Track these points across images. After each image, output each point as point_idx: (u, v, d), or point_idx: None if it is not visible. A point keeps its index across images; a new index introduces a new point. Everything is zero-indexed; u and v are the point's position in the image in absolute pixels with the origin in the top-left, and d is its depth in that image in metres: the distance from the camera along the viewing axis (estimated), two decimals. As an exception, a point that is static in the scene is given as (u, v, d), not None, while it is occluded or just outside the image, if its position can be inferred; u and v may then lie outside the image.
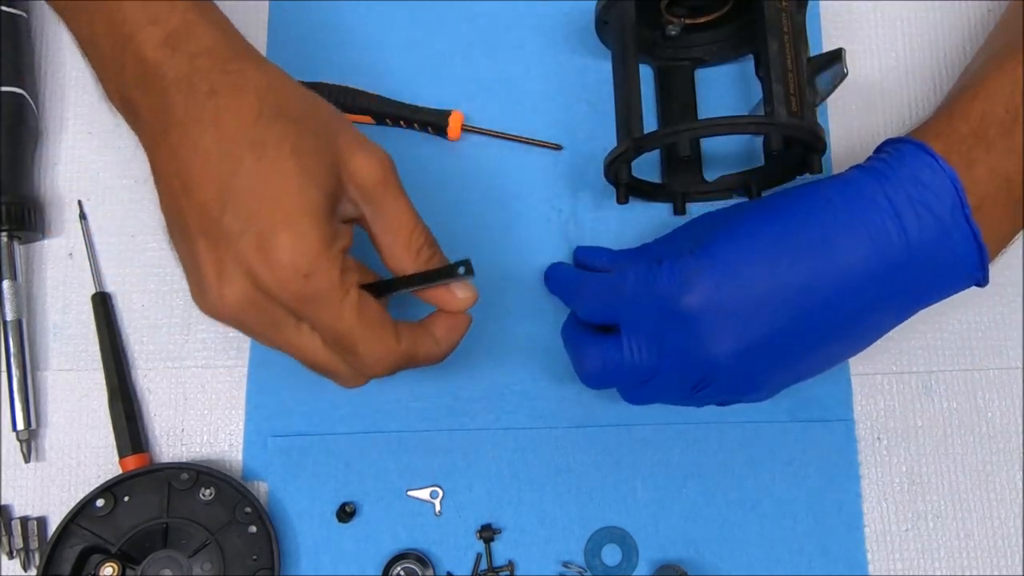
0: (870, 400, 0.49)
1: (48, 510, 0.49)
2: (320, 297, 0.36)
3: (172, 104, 0.37)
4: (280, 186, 0.36)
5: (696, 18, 0.50)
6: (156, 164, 0.39)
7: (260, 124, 0.37)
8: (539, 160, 0.52)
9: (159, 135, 0.38)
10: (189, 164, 0.37)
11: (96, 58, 0.41)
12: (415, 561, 0.47)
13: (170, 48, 0.38)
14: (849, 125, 0.53)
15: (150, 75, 0.38)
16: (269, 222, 0.36)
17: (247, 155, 0.36)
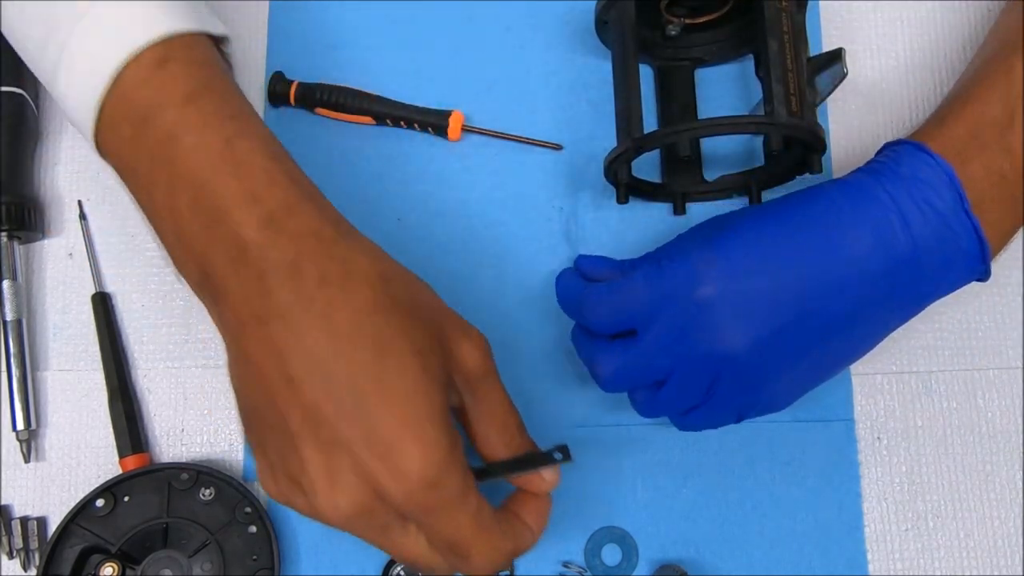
0: (870, 400, 0.49)
1: (48, 510, 0.49)
2: (444, 506, 0.34)
3: (274, 290, 0.34)
4: (403, 388, 0.33)
5: (696, 18, 0.50)
6: (244, 350, 0.35)
7: (376, 318, 0.34)
8: (539, 160, 0.52)
9: (252, 322, 0.34)
10: (295, 359, 0.33)
11: (171, 230, 0.37)
12: (415, 561, 0.46)
13: (273, 229, 0.35)
14: (849, 125, 0.53)
15: (247, 257, 0.34)
16: (394, 429, 0.33)
17: (365, 353, 0.33)
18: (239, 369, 0.36)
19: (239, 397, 0.36)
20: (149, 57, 0.36)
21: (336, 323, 0.33)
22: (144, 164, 0.37)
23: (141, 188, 0.37)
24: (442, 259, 0.51)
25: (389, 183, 0.52)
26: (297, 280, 0.34)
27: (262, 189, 0.35)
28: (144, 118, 0.36)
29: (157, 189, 0.36)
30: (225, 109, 0.37)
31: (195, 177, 0.35)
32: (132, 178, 0.38)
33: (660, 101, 0.53)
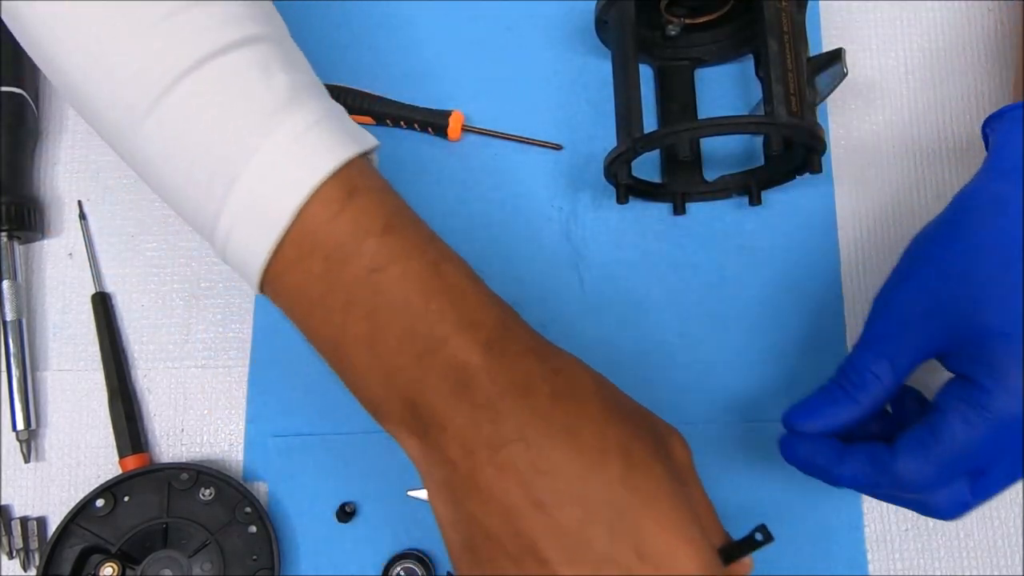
0: (870, 400, 0.49)
1: (48, 510, 0.49)
2: None
3: (506, 413, 0.33)
4: (660, 493, 0.33)
5: (696, 18, 0.50)
6: (475, 481, 0.33)
7: (614, 427, 0.33)
8: (539, 160, 0.52)
9: (484, 450, 0.33)
10: (542, 481, 0.32)
11: (370, 364, 0.35)
12: (415, 561, 0.47)
13: (497, 352, 0.34)
14: (849, 125, 0.53)
15: (474, 383, 0.33)
16: (665, 537, 0.32)
17: (616, 464, 0.32)
18: (468, 501, 0.33)
19: (461, 534, 0.34)
20: (335, 189, 0.34)
21: (581, 438, 0.33)
22: (338, 298, 0.34)
23: (331, 324, 0.35)
24: (442, 259, 0.51)
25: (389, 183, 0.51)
26: (530, 399, 0.33)
27: (478, 312, 0.34)
28: (340, 252, 0.34)
29: (353, 322, 0.34)
30: (421, 233, 0.36)
31: (407, 306, 0.34)
32: (319, 315, 0.35)
33: (660, 101, 0.53)
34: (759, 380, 0.49)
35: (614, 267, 0.51)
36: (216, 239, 0.36)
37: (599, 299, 0.50)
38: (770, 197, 0.51)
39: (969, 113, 0.53)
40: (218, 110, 0.34)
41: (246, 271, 0.36)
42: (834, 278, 0.50)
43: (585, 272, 0.50)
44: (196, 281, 0.51)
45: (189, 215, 0.37)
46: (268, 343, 0.50)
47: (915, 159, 0.52)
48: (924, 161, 0.52)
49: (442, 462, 0.34)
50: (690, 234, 0.51)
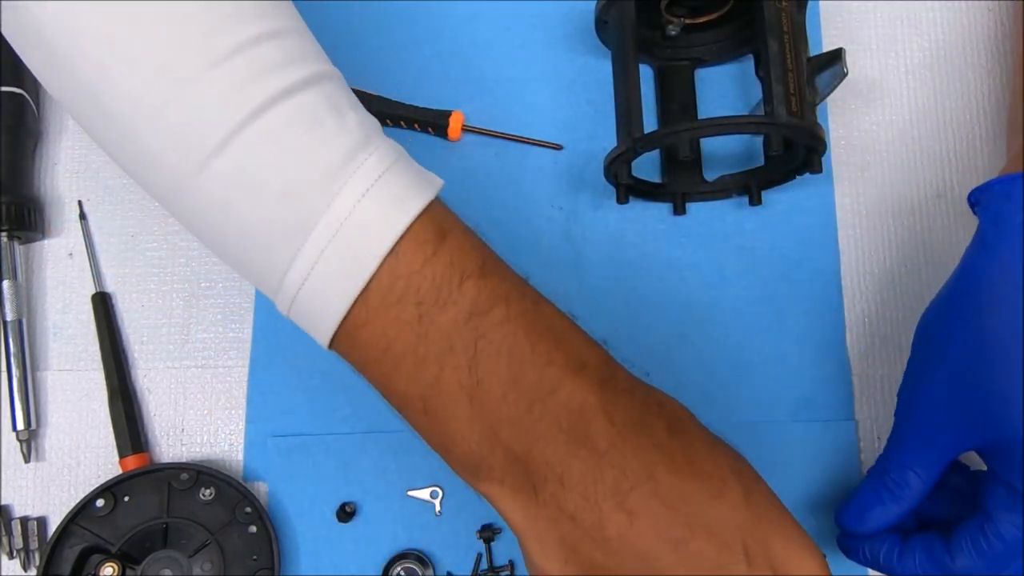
0: (870, 400, 0.49)
1: (48, 510, 0.49)
2: None
3: (631, 455, 0.32)
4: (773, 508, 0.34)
5: (696, 18, 0.50)
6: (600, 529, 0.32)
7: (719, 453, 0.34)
8: (539, 160, 0.52)
9: (606, 498, 0.32)
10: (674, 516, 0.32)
11: (469, 414, 0.32)
12: (415, 561, 0.47)
13: (610, 391, 0.33)
14: (849, 125, 0.53)
15: (592, 427, 0.32)
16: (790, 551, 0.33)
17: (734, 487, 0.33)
18: (593, 552, 0.32)
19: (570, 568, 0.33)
20: (426, 230, 0.33)
21: (701, 468, 0.33)
22: (434, 347, 0.32)
23: (423, 374, 0.33)
24: (442, 259, 0.51)
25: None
26: (652, 437, 0.32)
27: (584, 353, 0.33)
28: (436, 296, 0.32)
29: (451, 372, 0.32)
30: (515, 274, 0.35)
31: (513, 351, 0.32)
32: (409, 364, 0.33)
33: (660, 101, 0.53)
34: (759, 380, 0.49)
35: (614, 267, 0.51)
36: (285, 290, 0.33)
37: (599, 299, 0.50)
38: (770, 197, 0.51)
39: (969, 113, 0.53)
40: (292, 154, 0.31)
41: (319, 323, 0.33)
42: (834, 278, 0.50)
43: (585, 272, 0.50)
44: (196, 281, 0.51)
45: (256, 268, 0.34)
46: (268, 343, 0.50)
47: (915, 159, 0.52)
48: (924, 161, 0.52)
49: (558, 518, 0.32)
50: (690, 234, 0.51)
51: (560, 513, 0.32)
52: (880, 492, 0.41)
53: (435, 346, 0.32)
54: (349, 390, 0.49)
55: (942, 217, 0.51)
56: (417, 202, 0.33)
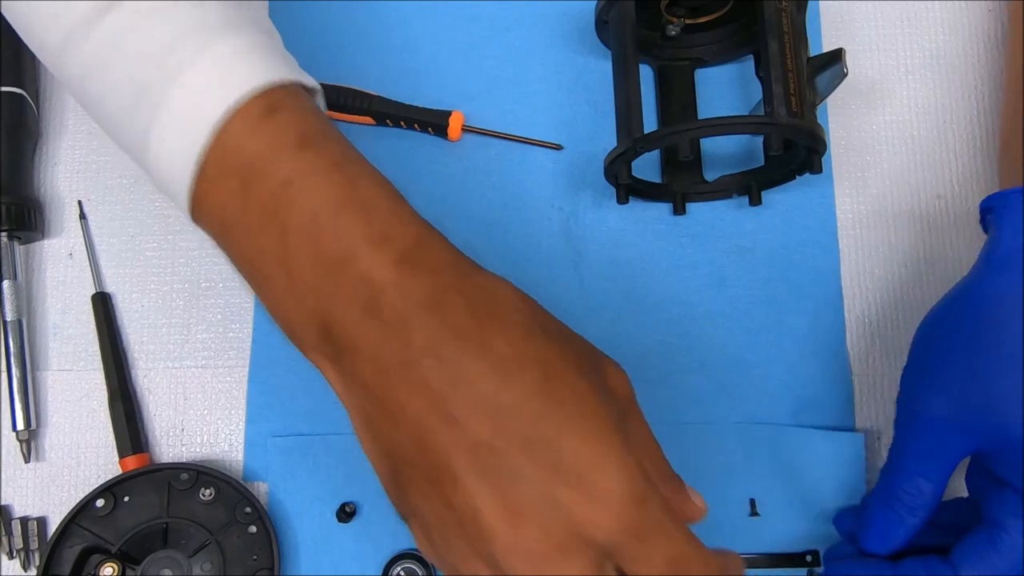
0: (870, 400, 0.49)
1: (48, 510, 0.49)
2: (656, 524, 0.31)
3: (419, 329, 0.31)
4: (582, 409, 0.31)
5: (696, 18, 0.50)
6: (389, 402, 0.32)
7: (533, 342, 0.32)
8: (539, 160, 0.52)
9: (397, 367, 0.31)
10: (456, 395, 0.30)
11: (285, 284, 0.33)
12: (415, 561, 0.47)
13: (410, 266, 0.32)
14: (849, 125, 0.53)
15: (384, 299, 0.31)
16: (583, 450, 0.30)
17: (532, 378, 0.31)
18: (383, 425, 0.32)
19: (383, 458, 0.33)
20: (256, 106, 0.34)
21: (494, 351, 0.31)
22: (255, 217, 0.33)
23: (249, 244, 0.34)
24: (442, 259, 0.51)
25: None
26: (444, 313, 0.31)
27: (392, 228, 0.33)
28: (256, 167, 0.33)
29: (269, 241, 0.33)
30: (341, 152, 0.35)
31: (316, 221, 0.33)
32: (239, 235, 0.34)
33: (660, 101, 0.53)
34: (759, 380, 0.49)
35: (614, 267, 0.51)
36: (148, 164, 0.35)
37: (599, 299, 0.50)
38: (770, 197, 0.51)
39: (969, 113, 0.53)
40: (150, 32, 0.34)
41: (176, 196, 0.35)
42: (834, 278, 0.50)
43: (585, 272, 0.50)
44: (196, 281, 0.51)
45: (126, 141, 0.36)
46: (268, 343, 0.50)
47: (915, 159, 0.52)
48: (924, 161, 0.52)
49: (357, 387, 0.33)
50: (690, 234, 0.51)
51: (359, 382, 0.32)
52: (895, 507, 0.41)
53: (255, 217, 0.33)
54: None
55: (942, 217, 0.51)
56: (253, 81, 0.34)
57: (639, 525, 0.30)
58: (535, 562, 0.30)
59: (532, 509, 0.30)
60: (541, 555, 0.30)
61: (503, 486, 0.30)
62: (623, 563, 0.31)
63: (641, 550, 0.31)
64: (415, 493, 0.32)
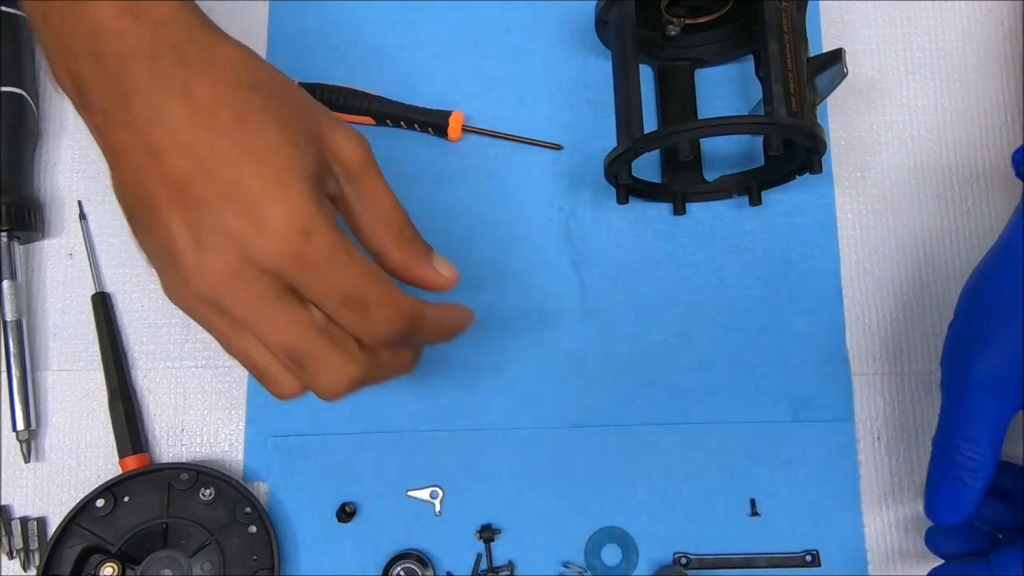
0: (870, 400, 0.49)
1: (48, 510, 0.49)
2: (322, 256, 0.33)
3: (132, 74, 0.34)
4: (265, 151, 0.34)
5: (696, 18, 0.50)
6: (112, 141, 0.35)
7: (239, 92, 0.34)
8: (539, 160, 0.52)
9: (116, 110, 0.34)
10: (156, 132, 0.34)
11: (47, 35, 0.36)
12: (415, 561, 0.47)
13: (130, 16, 0.34)
14: (849, 125, 0.53)
15: (106, 46, 0.34)
16: (257, 186, 0.33)
17: (225, 121, 0.34)
18: (112, 164, 0.36)
19: (121, 201, 0.37)
20: None
21: (196, 96, 0.34)
22: None
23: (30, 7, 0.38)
24: (442, 259, 0.51)
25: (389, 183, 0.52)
26: (156, 61, 0.34)
27: None
28: None
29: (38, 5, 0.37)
30: None
31: None
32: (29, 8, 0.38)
33: (660, 101, 0.53)
34: (759, 380, 0.49)
35: (614, 267, 0.51)
36: None
37: (599, 299, 0.50)
38: (770, 197, 0.51)
39: (969, 113, 0.53)
40: None
41: None
42: (834, 278, 0.50)
43: (585, 272, 0.50)
44: (196, 281, 0.51)
45: None
46: (268, 343, 0.50)
47: (915, 159, 0.52)
48: (924, 161, 0.52)
49: (96, 134, 0.36)
50: (690, 234, 0.51)
51: (96, 130, 0.36)
52: (959, 474, 0.40)
53: None
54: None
55: (942, 217, 0.51)
56: None
57: (305, 256, 0.33)
58: (216, 285, 0.33)
59: (213, 237, 0.33)
60: (221, 279, 0.33)
61: (191, 217, 0.33)
62: (304, 294, 0.34)
63: (313, 281, 0.34)
64: (140, 231, 0.36)
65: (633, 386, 0.49)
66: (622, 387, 0.49)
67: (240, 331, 0.36)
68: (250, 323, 0.35)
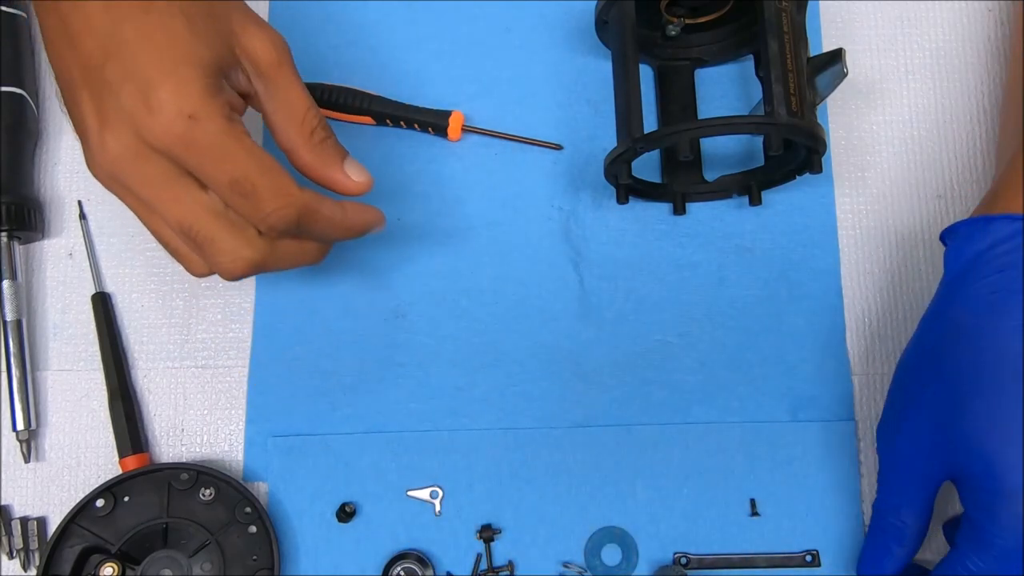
0: (870, 400, 0.49)
1: (48, 510, 0.49)
2: (208, 141, 0.36)
3: None
4: (165, 39, 0.36)
5: (696, 18, 0.50)
6: (44, 27, 0.39)
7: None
8: (539, 160, 0.52)
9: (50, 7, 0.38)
10: (73, 20, 0.37)
11: None
12: (415, 561, 0.47)
13: None
14: (849, 125, 0.53)
15: None
16: (152, 70, 0.35)
17: (134, 9, 0.36)
18: (46, 47, 0.39)
19: (56, 81, 0.39)
20: None
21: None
22: None
23: None
24: (442, 259, 0.51)
25: (389, 183, 0.52)
26: None
27: None
28: None
29: None
30: None
31: None
32: None
33: (660, 101, 0.53)
34: (759, 380, 0.49)
35: (614, 267, 0.51)
36: None
37: (599, 299, 0.50)
38: (770, 197, 0.51)
39: (969, 113, 0.53)
40: None
41: None
42: (834, 278, 0.50)
43: (585, 272, 0.50)
44: (196, 281, 0.51)
45: None
46: (268, 343, 0.50)
47: (915, 159, 0.52)
48: (924, 161, 0.52)
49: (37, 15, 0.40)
50: (690, 234, 0.51)
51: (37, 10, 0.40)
52: (885, 539, 0.42)
53: None
54: (349, 390, 0.49)
55: (942, 217, 0.51)
56: None
57: (191, 139, 0.36)
58: (116, 163, 0.37)
59: (113, 118, 0.36)
60: (120, 157, 0.36)
61: (97, 97, 0.36)
62: (198, 177, 0.37)
63: (200, 164, 0.36)
64: (68, 109, 0.39)
65: (633, 386, 0.49)
66: (622, 387, 0.49)
67: (148, 212, 0.39)
68: (150, 202, 0.38)
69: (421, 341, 0.50)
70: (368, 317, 0.50)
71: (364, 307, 0.50)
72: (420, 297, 0.50)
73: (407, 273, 0.51)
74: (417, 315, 0.50)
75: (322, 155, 0.41)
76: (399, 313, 0.50)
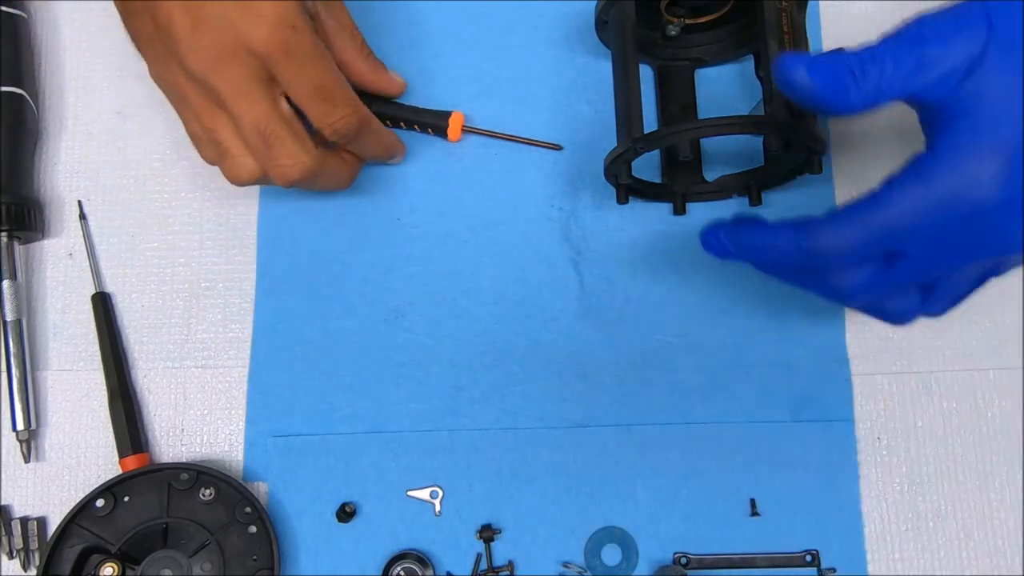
0: (870, 400, 0.49)
1: (48, 510, 0.49)
2: (303, 50, 0.40)
3: None
4: None
5: (696, 18, 0.50)
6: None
7: None
8: (539, 160, 0.52)
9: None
10: None
11: None
12: (415, 561, 0.47)
13: None
14: (849, 125, 0.53)
15: None
16: None
17: None
18: None
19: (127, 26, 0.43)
20: None
21: None
22: None
23: None
24: (442, 259, 0.51)
25: (389, 183, 0.52)
26: None
27: None
28: None
29: None
30: None
31: None
32: None
33: (660, 101, 0.53)
34: (759, 380, 0.49)
35: (614, 267, 0.51)
36: None
37: (599, 299, 0.50)
38: (770, 197, 0.51)
39: (969, 113, 0.53)
40: None
41: None
42: (834, 278, 0.50)
43: (585, 272, 0.51)
44: (196, 281, 0.51)
45: None
46: (268, 343, 0.50)
47: (915, 159, 0.52)
48: (924, 161, 0.52)
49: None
50: (690, 234, 0.51)
51: None
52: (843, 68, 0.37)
53: None
54: (349, 390, 0.49)
55: (942, 217, 0.51)
56: None
57: (290, 45, 0.40)
58: (207, 61, 0.40)
59: (210, 21, 0.39)
60: (213, 55, 0.40)
61: (192, 6, 0.39)
62: (281, 83, 0.41)
63: (292, 69, 0.40)
64: (136, 18, 0.42)
65: (633, 386, 0.49)
66: (622, 387, 0.49)
67: (215, 111, 0.42)
68: (230, 101, 0.41)
69: (421, 341, 0.50)
70: (368, 317, 0.50)
71: (364, 307, 0.50)
72: (420, 297, 0.50)
73: (407, 273, 0.51)
74: (417, 315, 0.50)
75: (373, 64, 0.49)
76: (399, 313, 0.50)
